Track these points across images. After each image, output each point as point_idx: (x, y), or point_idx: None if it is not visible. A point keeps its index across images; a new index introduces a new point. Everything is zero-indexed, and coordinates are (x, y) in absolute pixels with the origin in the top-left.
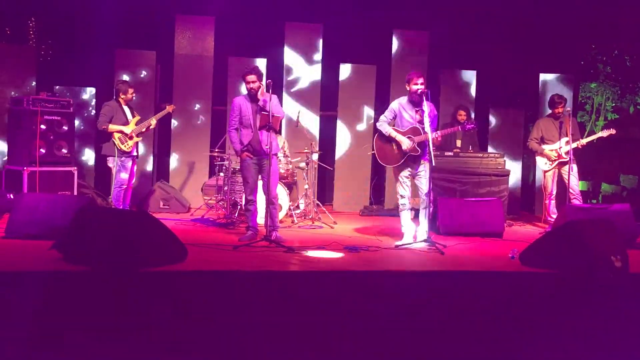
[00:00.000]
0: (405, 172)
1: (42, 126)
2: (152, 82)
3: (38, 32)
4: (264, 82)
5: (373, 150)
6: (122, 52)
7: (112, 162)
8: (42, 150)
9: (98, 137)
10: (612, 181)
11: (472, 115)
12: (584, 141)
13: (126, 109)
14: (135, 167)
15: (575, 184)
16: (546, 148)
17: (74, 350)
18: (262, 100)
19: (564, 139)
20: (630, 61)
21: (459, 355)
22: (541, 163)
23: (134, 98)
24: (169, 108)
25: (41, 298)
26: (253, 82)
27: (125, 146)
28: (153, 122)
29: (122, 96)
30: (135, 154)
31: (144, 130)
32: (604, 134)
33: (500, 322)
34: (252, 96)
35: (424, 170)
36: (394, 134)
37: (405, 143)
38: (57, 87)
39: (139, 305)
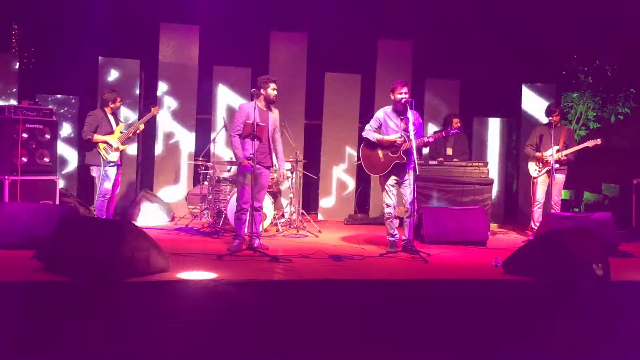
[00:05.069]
0: (391, 181)
1: (24, 135)
2: (136, 90)
3: (21, 40)
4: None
5: (359, 160)
6: (106, 60)
7: (95, 172)
8: (24, 159)
9: (81, 146)
10: (595, 190)
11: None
12: (565, 153)
13: (111, 117)
14: (119, 176)
15: (556, 194)
16: (538, 155)
17: None
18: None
19: (555, 147)
20: (611, 72)
21: None
22: (531, 169)
23: (120, 106)
24: (154, 110)
25: (22, 308)
26: (276, 90)
27: (111, 156)
28: (141, 126)
29: (111, 105)
30: (119, 162)
31: (130, 135)
32: (590, 144)
33: (483, 330)
34: (271, 103)
35: (409, 179)
36: (380, 137)
37: (396, 137)
38: (40, 95)
39: (122, 315)
